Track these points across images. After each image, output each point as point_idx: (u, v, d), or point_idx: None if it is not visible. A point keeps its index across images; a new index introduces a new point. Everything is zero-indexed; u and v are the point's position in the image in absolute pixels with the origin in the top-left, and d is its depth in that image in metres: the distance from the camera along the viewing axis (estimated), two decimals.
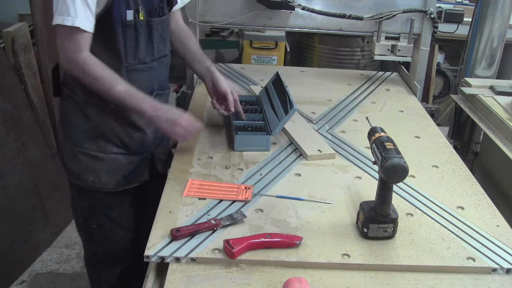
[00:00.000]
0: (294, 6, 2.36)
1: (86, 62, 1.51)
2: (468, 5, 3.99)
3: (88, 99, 1.63)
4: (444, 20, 2.57)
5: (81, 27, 1.47)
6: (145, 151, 1.77)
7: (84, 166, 1.69)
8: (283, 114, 1.79)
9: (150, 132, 1.74)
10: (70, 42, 1.49)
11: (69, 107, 1.68)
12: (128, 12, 1.56)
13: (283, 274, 1.23)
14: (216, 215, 1.42)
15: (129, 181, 1.76)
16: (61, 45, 1.51)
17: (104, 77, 1.52)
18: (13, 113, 2.70)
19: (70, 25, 1.45)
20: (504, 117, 2.19)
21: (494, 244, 1.38)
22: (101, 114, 1.65)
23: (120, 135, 1.69)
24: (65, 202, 3.03)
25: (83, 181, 1.71)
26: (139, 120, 1.69)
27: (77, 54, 1.50)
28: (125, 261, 1.88)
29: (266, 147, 1.80)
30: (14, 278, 2.64)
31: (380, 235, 1.36)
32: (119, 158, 1.71)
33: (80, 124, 1.67)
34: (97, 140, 1.67)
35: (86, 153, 1.68)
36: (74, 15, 1.45)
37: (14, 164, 2.67)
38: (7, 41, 2.85)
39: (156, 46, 1.68)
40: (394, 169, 1.26)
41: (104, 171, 1.70)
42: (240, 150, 1.78)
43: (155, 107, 1.59)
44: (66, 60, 1.53)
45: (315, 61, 4.04)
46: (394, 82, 2.58)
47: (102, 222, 1.79)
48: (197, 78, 2.39)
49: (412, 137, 1.99)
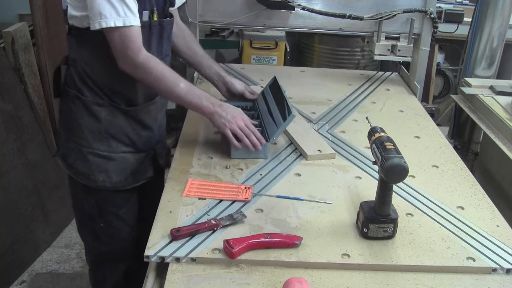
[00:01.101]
0: (294, 6, 2.36)
1: (149, 61, 1.51)
2: (468, 5, 3.99)
3: (97, 99, 1.64)
4: (444, 20, 2.57)
5: (133, 24, 1.47)
6: (150, 148, 1.80)
7: (94, 166, 1.70)
8: (281, 120, 1.75)
9: (156, 129, 1.78)
10: (127, 43, 1.48)
11: (75, 108, 1.67)
12: (144, 13, 1.57)
13: (283, 274, 1.23)
14: (216, 215, 1.42)
15: (137, 179, 1.78)
16: (118, 47, 1.50)
17: (167, 75, 1.54)
18: (13, 113, 2.70)
19: (122, 25, 1.45)
20: (504, 117, 2.19)
21: (494, 244, 1.38)
22: (110, 114, 1.66)
23: (129, 134, 1.70)
24: (65, 202, 3.04)
25: (93, 181, 1.71)
26: (146, 118, 1.72)
27: (137, 54, 1.50)
28: (130, 258, 1.88)
29: (263, 155, 1.75)
30: (14, 278, 2.64)
31: (380, 235, 1.36)
32: (128, 156, 1.73)
33: (89, 125, 1.67)
34: (107, 140, 1.68)
35: (95, 153, 1.69)
36: (124, 15, 1.45)
37: (14, 164, 2.67)
38: (7, 41, 2.84)
39: (165, 46, 1.71)
40: (394, 169, 1.26)
41: (114, 170, 1.72)
42: (237, 158, 1.73)
43: (214, 103, 1.62)
44: (127, 62, 1.52)
45: (315, 61, 4.04)
46: (394, 82, 2.58)
47: (110, 220, 1.80)
48: (197, 78, 2.40)
49: (412, 137, 1.99)
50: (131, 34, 1.48)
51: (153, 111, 1.75)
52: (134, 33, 1.49)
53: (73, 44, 1.61)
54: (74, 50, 1.62)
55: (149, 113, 1.73)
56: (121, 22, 1.46)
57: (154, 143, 1.81)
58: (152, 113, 1.74)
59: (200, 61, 1.93)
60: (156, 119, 1.78)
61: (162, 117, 1.83)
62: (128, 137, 1.71)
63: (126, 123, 1.69)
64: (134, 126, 1.71)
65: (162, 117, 1.83)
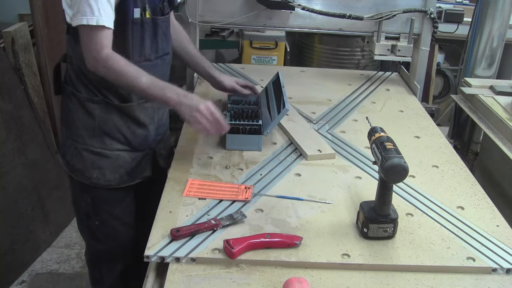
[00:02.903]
0: (294, 6, 2.36)
1: (109, 58, 1.52)
2: (468, 5, 3.99)
3: (91, 96, 1.66)
4: (444, 20, 2.57)
5: (106, 25, 1.49)
6: (147, 148, 1.80)
7: (88, 163, 1.71)
8: (276, 114, 1.79)
9: (152, 128, 1.78)
10: (93, 41, 1.50)
11: (72, 105, 1.69)
12: (136, 10, 1.58)
13: (283, 274, 1.23)
14: (216, 215, 1.42)
15: (132, 177, 1.78)
16: (85, 45, 1.52)
17: (128, 70, 1.54)
18: (13, 113, 2.70)
19: (95, 24, 1.47)
20: (504, 117, 2.19)
21: (494, 244, 1.38)
22: (104, 111, 1.67)
23: (123, 131, 1.71)
24: (65, 202, 3.04)
25: (87, 178, 1.73)
26: (142, 116, 1.72)
27: (100, 52, 1.51)
28: (127, 258, 1.89)
29: (257, 147, 1.79)
30: (14, 278, 2.64)
31: (380, 235, 1.36)
32: (123, 154, 1.74)
33: (84, 122, 1.68)
34: (101, 137, 1.69)
35: (90, 150, 1.70)
36: (98, 14, 1.47)
37: (14, 164, 2.67)
38: (7, 41, 2.84)
39: (160, 44, 1.71)
40: (394, 169, 1.26)
41: (108, 168, 1.72)
42: (232, 149, 1.79)
43: (179, 94, 1.61)
44: (90, 59, 1.53)
45: (315, 61, 4.04)
46: (394, 82, 2.58)
47: (105, 218, 1.81)
48: (197, 78, 2.40)
49: (412, 137, 1.99)
50: (99, 33, 1.50)
51: (149, 109, 1.75)
52: (101, 33, 1.50)
53: (70, 42, 1.63)
54: (71, 48, 1.64)
55: (144, 111, 1.73)
56: (95, 21, 1.47)
57: (152, 143, 1.81)
58: (148, 111, 1.74)
59: (192, 60, 1.98)
60: (153, 118, 1.78)
61: (161, 117, 1.83)
62: (122, 134, 1.71)
63: (120, 121, 1.69)
64: (128, 124, 1.71)
65: (161, 116, 1.83)
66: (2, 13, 3.78)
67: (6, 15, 3.76)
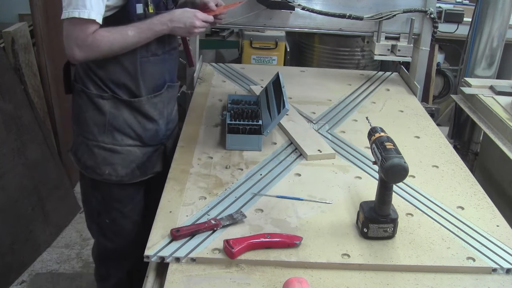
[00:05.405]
0: (294, 6, 2.36)
1: (95, 39, 1.53)
2: (468, 5, 3.99)
3: (101, 92, 1.67)
4: (444, 20, 2.57)
5: (96, 20, 1.50)
6: (158, 143, 1.82)
7: (100, 159, 1.72)
8: (276, 114, 1.80)
9: (162, 123, 1.80)
10: (81, 32, 1.51)
11: (82, 102, 1.71)
12: (138, 6, 1.60)
13: (283, 274, 1.23)
14: (216, 215, 1.42)
15: (144, 173, 1.80)
16: (71, 36, 1.53)
17: (114, 36, 1.56)
18: (13, 113, 2.70)
19: (86, 17, 1.48)
20: (504, 117, 2.19)
21: (494, 244, 1.38)
22: (114, 107, 1.69)
23: (133, 127, 1.72)
24: (65, 202, 3.04)
25: (99, 174, 1.74)
26: (151, 111, 1.73)
27: (86, 39, 1.52)
28: (135, 256, 1.89)
29: (257, 147, 1.80)
30: (14, 278, 2.64)
31: (380, 235, 1.36)
32: (134, 150, 1.75)
33: (94, 118, 1.70)
34: (112, 133, 1.71)
35: (101, 146, 1.71)
36: (90, 8, 1.49)
37: (14, 164, 2.67)
38: (7, 41, 2.84)
39: (167, 38, 1.72)
40: (394, 169, 1.26)
41: (120, 164, 1.74)
42: (232, 149, 1.79)
43: (165, 22, 1.63)
44: (79, 49, 1.54)
45: (315, 61, 4.04)
46: (394, 82, 2.58)
47: (115, 217, 1.82)
48: (197, 78, 2.39)
49: (412, 137, 1.99)
50: (88, 26, 1.51)
51: (159, 103, 1.76)
52: (90, 26, 1.52)
53: None
54: None
55: (154, 105, 1.74)
56: (86, 15, 1.49)
57: (162, 137, 1.82)
58: (157, 106, 1.76)
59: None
60: (162, 113, 1.79)
61: (170, 111, 1.85)
62: (133, 130, 1.73)
63: (131, 116, 1.71)
64: (139, 119, 1.73)
65: (170, 111, 1.85)
66: (2, 13, 3.78)
67: (6, 15, 3.76)
